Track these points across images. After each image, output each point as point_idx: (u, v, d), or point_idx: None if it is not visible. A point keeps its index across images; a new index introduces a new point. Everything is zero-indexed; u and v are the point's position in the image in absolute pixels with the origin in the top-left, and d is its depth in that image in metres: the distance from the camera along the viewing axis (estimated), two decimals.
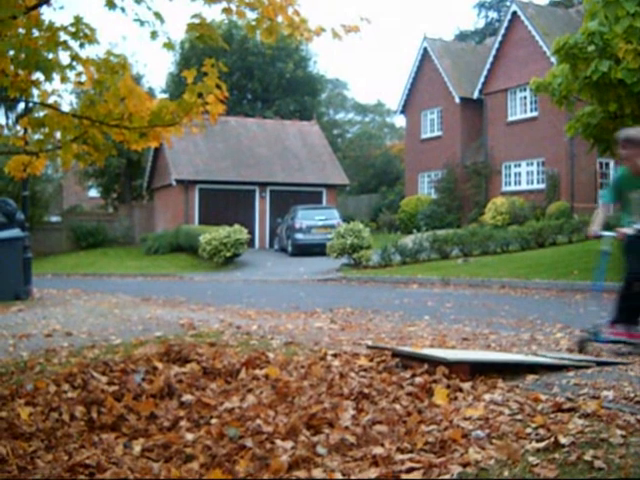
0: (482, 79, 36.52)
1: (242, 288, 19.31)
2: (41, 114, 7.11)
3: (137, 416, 4.76)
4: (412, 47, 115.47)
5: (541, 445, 3.69)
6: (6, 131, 10.63)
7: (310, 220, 31.40)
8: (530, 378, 5.18)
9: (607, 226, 7.37)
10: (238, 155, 39.12)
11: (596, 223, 7.30)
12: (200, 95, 6.69)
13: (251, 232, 33.49)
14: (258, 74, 49.33)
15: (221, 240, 28.14)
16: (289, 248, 32.30)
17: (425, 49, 40.12)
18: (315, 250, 29.75)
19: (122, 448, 4.24)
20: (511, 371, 5.33)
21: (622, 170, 7.20)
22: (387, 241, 26.43)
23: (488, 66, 36.15)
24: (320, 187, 39.86)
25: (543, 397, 4.57)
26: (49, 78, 6.20)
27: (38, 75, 6.64)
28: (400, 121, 61.41)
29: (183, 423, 4.60)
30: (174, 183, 37.18)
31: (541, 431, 3.92)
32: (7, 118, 48.90)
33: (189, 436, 4.30)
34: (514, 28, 34.54)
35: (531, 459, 3.52)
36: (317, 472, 3.59)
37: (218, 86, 6.66)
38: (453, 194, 36.99)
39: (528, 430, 3.97)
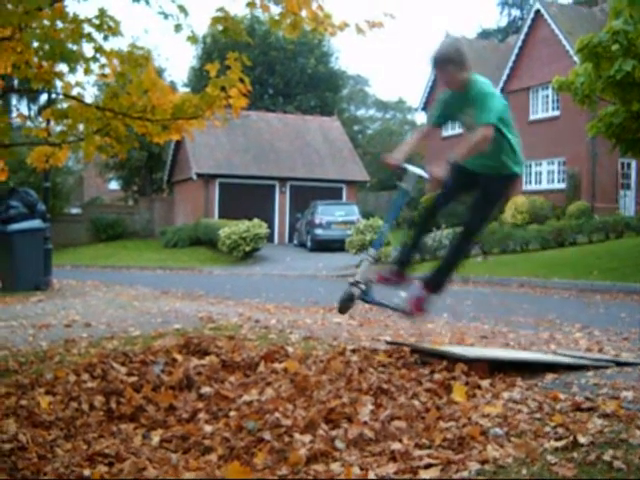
0: (504, 77, 36.40)
1: (261, 282, 19.34)
2: (64, 106, 7.15)
3: (156, 407, 4.78)
4: (434, 44, 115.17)
5: (560, 444, 3.66)
6: (29, 123, 10.69)
7: (330, 216, 31.43)
8: (549, 377, 5.16)
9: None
10: (259, 150, 39.18)
11: (401, 149, 5.94)
12: (223, 88, 6.70)
13: (270, 227, 33.57)
14: (280, 69, 49.35)
15: (240, 234, 28.20)
16: (308, 243, 32.34)
17: None
18: (334, 246, 29.78)
19: (141, 439, 4.26)
20: (530, 369, 5.31)
21: (445, 92, 5.97)
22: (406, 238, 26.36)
23: (510, 64, 36.04)
24: (340, 183, 39.87)
25: (562, 396, 4.54)
26: (73, 70, 6.22)
27: (61, 67, 6.68)
28: (421, 118, 61.23)
29: (202, 415, 4.61)
30: (194, 177, 37.27)
31: (560, 430, 3.90)
32: (29, 110, 49.20)
33: (207, 428, 4.31)
34: (537, 26, 34.41)
35: (549, 458, 3.50)
36: (335, 466, 3.59)
37: (241, 80, 6.68)
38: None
39: (547, 429, 3.95)
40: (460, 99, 5.77)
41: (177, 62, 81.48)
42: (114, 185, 54.50)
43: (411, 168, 5.88)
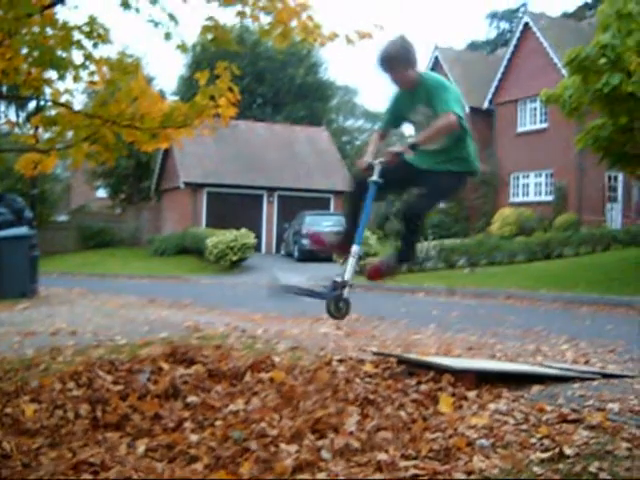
0: (492, 89, 36.54)
1: (248, 292, 19.31)
2: (53, 112, 7.14)
3: (142, 416, 4.76)
4: (423, 56, 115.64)
5: (546, 455, 3.67)
6: (17, 129, 10.68)
7: (317, 226, 31.39)
8: (535, 388, 5.16)
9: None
10: (247, 159, 39.16)
11: (368, 152, 5.94)
12: (212, 97, 6.71)
13: (258, 236, 33.58)
14: (269, 79, 49.38)
15: (228, 244, 28.18)
16: (296, 253, 32.31)
17: (436, 58, 40.13)
18: (322, 256, 29.72)
19: (126, 447, 4.24)
20: (516, 381, 5.31)
21: (396, 92, 5.83)
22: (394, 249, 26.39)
23: (499, 76, 36.18)
24: (328, 193, 39.88)
25: (548, 408, 4.55)
26: (62, 77, 6.22)
27: (51, 74, 6.68)
28: (409, 129, 61.56)
29: (187, 424, 4.59)
30: (182, 185, 37.25)
31: (546, 441, 3.90)
32: (18, 117, 49.10)
33: (193, 437, 4.29)
34: (526, 39, 34.57)
35: (535, 469, 3.50)
36: (321, 476, 3.59)
37: (230, 89, 6.69)
38: (461, 204, 36.90)
39: (533, 440, 3.95)
40: (411, 98, 5.66)
41: (166, 71, 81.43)
42: (102, 193, 54.33)
43: (375, 162, 5.76)
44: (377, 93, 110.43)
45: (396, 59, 5.49)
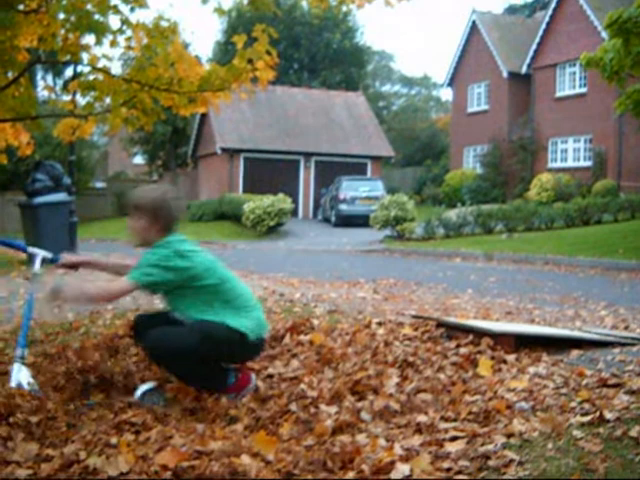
0: (531, 54, 36.02)
1: (285, 257, 19.35)
2: (91, 78, 7.17)
3: None
4: (460, 20, 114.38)
5: (586, 419, 3.66)
6: (54, 96, 10.73)
7: (354, 191, 31.37)
8: (575, 353, 5.15)
9: None
10: (284, 124, 39.10)
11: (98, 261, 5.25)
12: (250, 61, 6.69)
13: (295, 202, 33.63)
14: (305, 44, 49.15)
15: (265, 209, 28.22)
16: (333, 218, 32.33)
17: (474, 22, 39.65)
18: (358, 221, 29.75)
19: (166, 408, 4.29)
20: (556, 345, 5.30)
21: None
22: (431, 214, 26.33)
23: (537, 40, 35.62)
24: (365, 158, 39.73)
25: (588, 372, 4.53)
26: (100, 41, 6.24)
27: (88, 39, 6.70)
28: (446, 94, 61.05)
29: None
30: (219, 151, 37.27)
31: (586, 405, 3.89)
32: (55, 84, 49.30)
33: None
34: (565, 2, 33.98)
35: (575, 433, 3.49)
36: (361, 437, 3.60)
37: (268, 52, 6.66)
38: (498, 169, 36.63)
39: (573, 404, 3.94)
40: None
41: (201, 37, 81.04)
42: (138, 159, 54.61)
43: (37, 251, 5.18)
44: (413, 58, 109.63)
45: (147, 209, 4.75)
